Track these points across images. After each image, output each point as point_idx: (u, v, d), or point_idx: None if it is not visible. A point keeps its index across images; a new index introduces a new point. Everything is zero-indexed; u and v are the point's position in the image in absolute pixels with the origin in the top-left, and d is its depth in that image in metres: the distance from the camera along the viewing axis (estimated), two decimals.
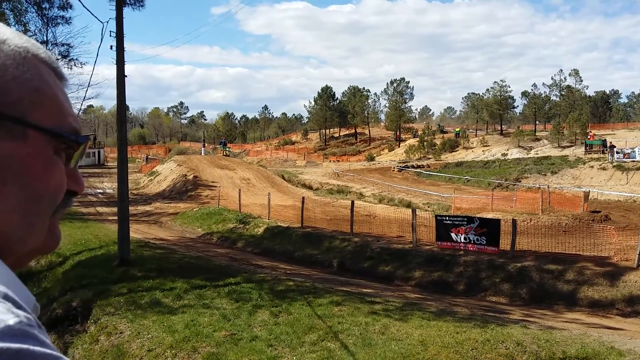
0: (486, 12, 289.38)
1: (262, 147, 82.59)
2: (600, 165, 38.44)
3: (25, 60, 0.61)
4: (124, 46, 12.16)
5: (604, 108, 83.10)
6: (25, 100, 0.60)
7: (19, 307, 0.50)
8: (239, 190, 23.37)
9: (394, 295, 10.34)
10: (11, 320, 0.47)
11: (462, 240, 13.64)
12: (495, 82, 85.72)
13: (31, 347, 0.46)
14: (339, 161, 61.46)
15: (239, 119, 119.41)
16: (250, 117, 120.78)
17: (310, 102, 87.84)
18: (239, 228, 19.25)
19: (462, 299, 11.03)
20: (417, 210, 16.19)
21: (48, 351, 0.47)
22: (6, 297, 0.50)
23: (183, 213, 23.26)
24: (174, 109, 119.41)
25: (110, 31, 12.00)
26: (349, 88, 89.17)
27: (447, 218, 14.68)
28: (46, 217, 0.63)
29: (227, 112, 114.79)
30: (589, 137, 49.04)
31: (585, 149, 46.38)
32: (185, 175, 33.42)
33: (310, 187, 35.66)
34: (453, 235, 13.82)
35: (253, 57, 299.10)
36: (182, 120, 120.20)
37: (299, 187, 34.45)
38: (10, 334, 0.46)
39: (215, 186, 28.88)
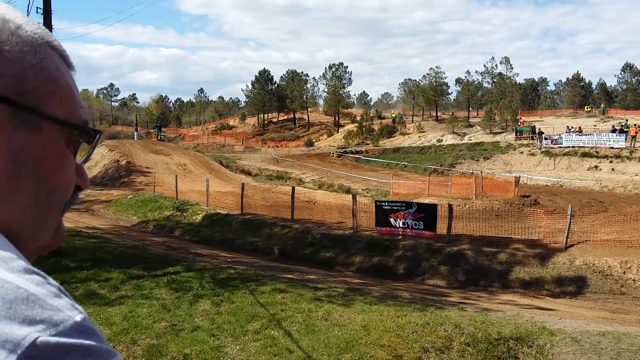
0: None
1: (199, 131, 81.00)
2: (529, 151, 40.23)
3: (41, 48, 0.59)
4: (52, 24, 11.53)
5: (533, 95, 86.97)
6: (41, 89, 0.57)
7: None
8: (176, 176, 22.79)
9: (336, 281, 10.43)
10: (78, 316, 0.47)
11: (401, 225, 13.91)
12: (431, 68, 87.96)
13: (98, 344, 0.46)
14: (277, 146, 61.20)
15: (173, 102, 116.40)
16: (185, 101, 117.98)
17: (247, 86, 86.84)
18: (176, 215, 18.82)
19: (402, 283, 11.28)
20: (357, 196, 16.36)
21: (111, 349, 0.48)
22: (61, 291, 0.49)
23: (116, 200, 22.46)
24: (104, 91, 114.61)
25: (37, 8, 11.35)
26: (287, 72, 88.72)
27: (386, 203, 14.92)
28: (57, 213, 0.62)
29: (161, 95, 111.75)
30: (519, 123, 51.12)
31: (516, 135, 48.32)
32: (118, 160, 32.25)
33: (249, 173, 35.33)
34: (392, 220, 14.07)
35: (189, 37, 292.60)
36: (112, 103, 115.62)
37: (237, 173, 34.06)
38: (79, 330, 0.46)
39: (150, 172, 28.07)
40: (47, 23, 11.36)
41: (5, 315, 0.42)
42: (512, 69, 76.09)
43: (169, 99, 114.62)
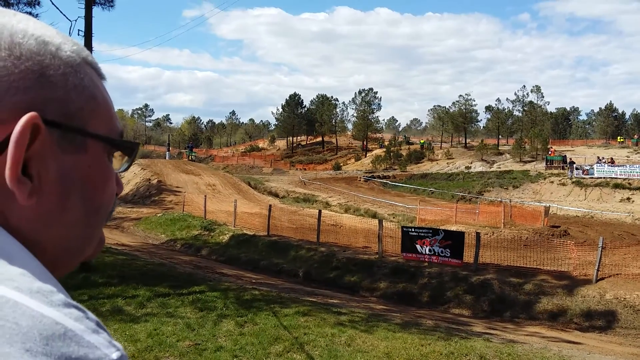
0: (456, 26, 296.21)
1: (229, 152, 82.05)
2: (560, 180, 39.54)
3: (80, 67, 0.59)
4: (92, 46, 11.94)
5: (564, 124, 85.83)
6: (84, 109, 0.58)
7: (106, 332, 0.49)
8: (205, 196, 23.09)
9: (360, 306, 10.37)
10: (114, 354, 0.46)
11: (427, 252, 13.80)
12: (460, 95, 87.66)
13: None
14: (305, 169, 61.50)
15: (205, 123, 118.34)
16: (217, 122, 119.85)
17: (278, 109, 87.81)
18: (204, 235, 19.02)
19: (426, 310, 11.14)
20: (383, 221, 16.31)
21: None
22: (99, 326, 0.48)
23: (146, 218, 22.83)
24: (139, 111, 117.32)
25: (79, 30, 11.77)
26: (317, 96, 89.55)
27: (413, 229, 14.83)
28: (102, 226, 0.63)
29: (194, 116, 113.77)
30: (549, 152, 50.40)
31: (546, 164, 47.62)
32: (149, 179, 32.86)
33: (276, 195, 35.54)
34: (418, 246, 13.97)
35: (223, 61, 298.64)
36: (146, 123, 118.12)
37: (265, 194, 34.29)
38: None
39: (179, 191, 28.50)
40: (88, 45, 11.77)
41: (42, 351, 0.42)
42: (543, 97, 75.40)
43: (201, 120, 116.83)
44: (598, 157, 43.79)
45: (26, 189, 0.52)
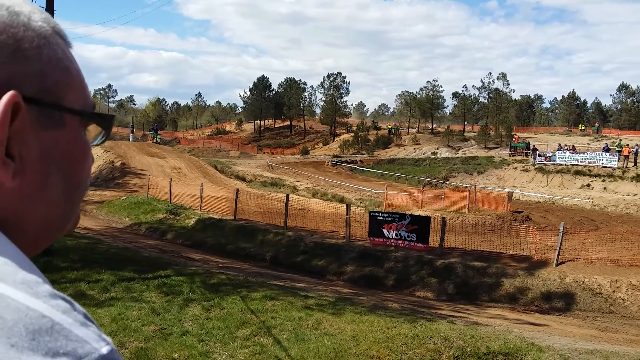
0: (425, 12, 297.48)
1: (195, 135, 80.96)
2: (523, 167, 40.42)
3: (52, 37, 0.56)
4: None
5: (528, 112, 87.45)
6: (60, 82, 0.55)
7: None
8: (170, 179, 22.75)
9: (327, 290, 10.42)
10: (104, 349, 0.44)
11: (394, 236, 13.94)
12: (428, 81, 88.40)
13: None
14: (273, 153, 61.22)
15: (170, 105, 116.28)
16: (182, 104, 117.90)
17: (245, 92, 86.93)
18: (169, 219, 18.77)
19: (392, 294, 11.28)
20: (350, 205, 16.39)
21: None
22: (87, 318, 0.46)
23: (109, 201, 22.38)
24: (102, 92, 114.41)
25: (40, 6, 11.30)
26: (285, 79, 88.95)
27: (380, 214, 14.94)
28: (80, 202, 0.61)
29: (159, 98, 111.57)
30: (514, 139, 51.36)
31: (510, 150, 48.53)
32: (113, 161, 32.15)
33: (243, 179, 35.30)
34: (385, 231, 14.09)
35: (190, 42, 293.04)
36: (110, 104, 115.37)
37: (232, 178, 34.02)
38: None
39: (144, 174, 28.01)
40: None
41: (28, 346, 0.39)
42: (509, 84, 76.64)
43: (166, 102, 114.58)
44: (559, 144, 44.87)
45: (10, 170, 0.51)
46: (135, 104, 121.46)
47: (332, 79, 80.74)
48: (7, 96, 0.49)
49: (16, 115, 0.50)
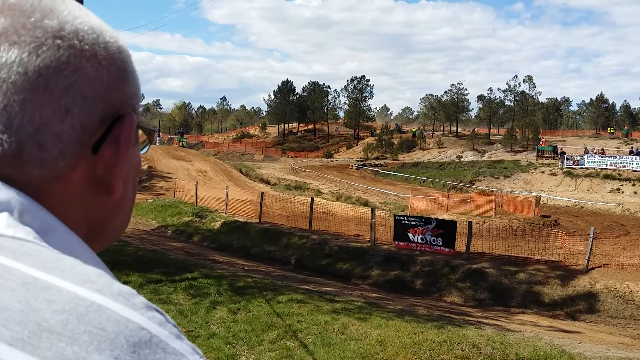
0: (450, 15, 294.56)
1: (220, 139, 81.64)
2: (550, 170, 39.77)
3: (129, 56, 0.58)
4: None
5: (555, 115, 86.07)
6: (139, 101, 0.59)
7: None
8: (196, 182, 22.98)
9: (353, 294, 10.39)
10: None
11: (419, 240, 13.83)
12: (452, 84, 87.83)
13: None
14: (297, 157, 61.41)
15: (196, 109, 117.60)
16: (207, 108, 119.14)
17: (270, 96, 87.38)
18: (195, 222, 18.95)
19: (419, 299, 11.19)
20: (375, 209, 16.33)
21: None
22: (179, 331, 0.45)
23: (137, 204, 22.67)
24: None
25: None
26: (309, 83, 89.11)
27: (405, 218, 14.85)
28: None
29: (184, 102, 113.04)
30: (541, 142, 50.64)
31: (537, 154, 47.85)
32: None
33: (268, 182, 35.47)
34: (410, 235, 14.00)
35: (215, 46, 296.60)
36: None
37: (256, 181, 34.21)
38: None
39: (170, 177, 28.35)
40: None
41: (129, 359, 0.39)
42: (535, 87, 75.72)
43: (191, 106, 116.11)
44: (586, 148, 44.08)
45: (122, 185, 0.55)
46: (161, 108, 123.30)
47: (355, 82, 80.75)
48: (131, 120, 0.54)
49: None
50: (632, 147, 41.77)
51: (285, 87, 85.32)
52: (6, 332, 0.37)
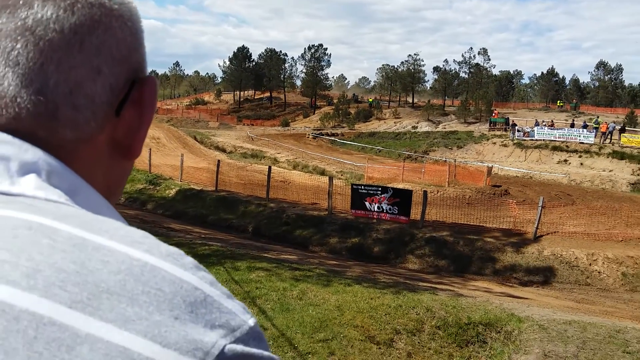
0: None
1: (173, 105, 79.73)
2: (502, 142, 40.82)
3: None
4: None
5: (508, 87, 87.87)
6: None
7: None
8: (149, 149, 22.44)
9: (310, 261, 10.48)
10: (251, 320, 0.43)
11: (376, 209, 14.01)
12: (409, 55, 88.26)
13: (272, 356, 0.43)
14: (253, 125, 60.71)
15: (148, 74, 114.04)
16: (160, 73, 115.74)
17: (225, 62, 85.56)
18: (149, 189, 18.58)
19: (377, 266, 11.39)
20: (333, 178, 16.40)
21: (276, 357, 0.44)
22: (217, 281, 0.45)
23: None
24: None
25: None
26: (266, 50, 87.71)
27: (362, 187, 14.98)
28: None
29: None
30: (493, 114, 51.73)
31: (490, 125, 48.91)
32: None
33: (223, 150, 35.02)
34: (367, 204, 14.16)
35: (168, 10, 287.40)
36: None
37: (212, 149, 33.73)
38: (254, 336, 0.42)
39: None
40: None
41: (189, 319, 0.39)
42: (490, 60, 76.93)
43: None
44: (536, 120, 45.35)
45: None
46: None
47: (313, 50, 79.96)
48: (154, 81, 0.56)
49: None
50: (584, 122, 43.16)
51: (241, 54, 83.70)
52: (65, 294, 0.36)
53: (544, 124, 42.84)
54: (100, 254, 0.39)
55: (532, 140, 39.20)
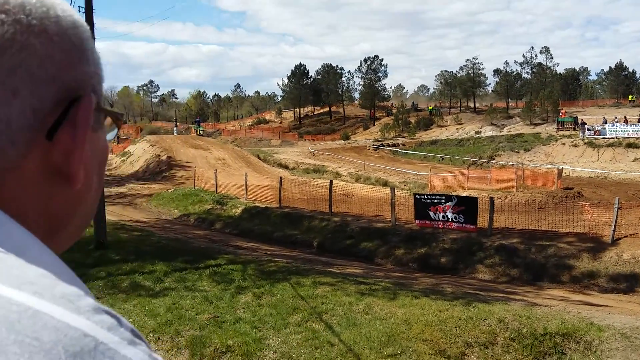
0: None
1: (236, 126, 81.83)
2: (572, 142, 39.16)
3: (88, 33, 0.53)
4: (94, 22, 11.74)
5: (574, 85, 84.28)
6: (101, 82, 0.54)
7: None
8: (215, 170, 23.10)
9: (376, 274, 10.39)
10: None
11: (441, 218, 13.74)
12: (467, 59, 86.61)
13: None
14: (314, 140, 61.30)
15: (211, 97, 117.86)
16: (223, 96, 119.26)
17: (283, 81, 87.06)
18: (217, 209, 19.08)
19: (444, 276, 11.14)
20: (395, 189, 16.25)
21: None
22: (136, 334, 0.40)
23: (158, 194, 22.91)
24: (144, 88, 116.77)
25: (79, 6, 11.55)
26: (322, 66, 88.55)
27: (426, 196, 14.75)
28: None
29: (199, 91, 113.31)
30: (560, 114, 49.84)
31: (557, 126, 47.15)
32: (159, 155, 32.89)
33: (286, 167, 35.51)
34: (432, 213, 13.91)
35: (227, 34, 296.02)
36: (152, 99, 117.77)
37: (275, 166, 34.28)
38: None
39: (190, 166, 28.52)
40: (89, 22, 11.54)
41: None
42: (552, 58, 74.25)
43: (207, 94, 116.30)
44: (604, 117, 43.27)
45: (82, 173, 0.49)
46: (177, 98, 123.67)
47: (369, 62, 79.99)
48: (89, 101, 0.49)
49: None
50: None
51: (299, 71, 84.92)
52: None
53: (615, 120, 40.76)
54: None
55: (604, 138, 37.40)
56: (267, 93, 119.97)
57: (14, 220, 0.45)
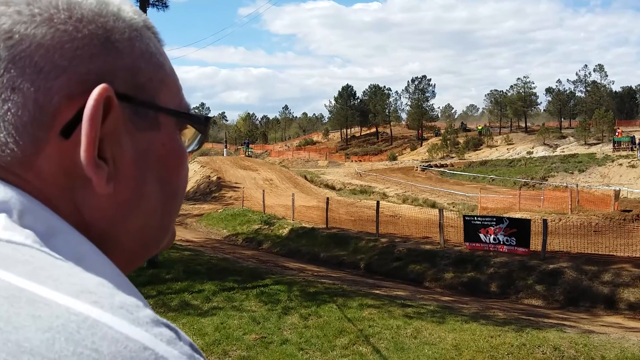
0: (515, 7, 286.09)
1: (284, 147, 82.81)
2: (629, 162, 37.62)
3: (143, 30, 0.51)
4: None
5: (631, 104, 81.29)
6: (154, 79, 0.50)
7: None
8: (263, 191, 23.39)
9: (425, 297, 10.20)
10: None
11: (492, 241, 13.41)
12: (518, 78, 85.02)
13: None
14: (360, 161, 61.26)
15: (260, 119, 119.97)
16: (271, 117, 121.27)
17: (331, 102, 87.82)
18: (264, 229, 19.27)
19: (495, 301, 10.84)
20: (443, 210, 16.00)
21: None
22: (194, 349, 0.39)
23: (208, 214, 23.36)
24: (195, 110, 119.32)
25: None
26: (369, 87, 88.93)
27: (476, 218, 14.45)
28: (177, 213, 0.56)
29: (249, 113, 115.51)
30: (616, 133, 48.12)
31: (614, 146, 45.50)
32: (209, 176, 33.62)
33: (333, 188, 35.58)
34: (482, 235, 13.60)
35: (277, 57, 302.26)
36: None
37: (321, 187, 34.41)
38: None
39: (238, 187, 28.99)
40: None
41: None
42: (607, 76, 72.01)
43: (256, 116, 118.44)
44: None
45: (104, 174, 0.44)
46: (227, 120, 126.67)
47: (416, 82, 79.74)
48: (97, 89, 0.43)
49: (108, 112, 0.44)
50: None
51: (346, 92, 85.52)
52: None
53: None
54: (33, 307, 0.34)
55: None
56: (314, 114, 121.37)
57: (73, 228, 0.44)
